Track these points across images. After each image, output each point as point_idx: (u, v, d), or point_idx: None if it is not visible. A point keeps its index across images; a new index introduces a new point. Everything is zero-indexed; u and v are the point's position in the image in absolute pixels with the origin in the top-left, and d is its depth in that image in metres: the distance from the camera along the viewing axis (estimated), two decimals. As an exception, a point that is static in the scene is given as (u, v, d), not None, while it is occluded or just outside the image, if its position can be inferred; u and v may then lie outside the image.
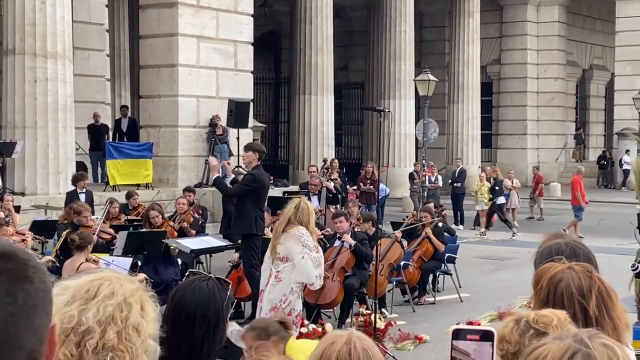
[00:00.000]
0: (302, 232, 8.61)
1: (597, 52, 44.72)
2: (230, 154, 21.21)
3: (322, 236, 11.82)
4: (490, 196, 23.50)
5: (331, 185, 17.71)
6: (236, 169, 18.83)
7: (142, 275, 9.75)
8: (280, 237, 8.69)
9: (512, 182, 25.58)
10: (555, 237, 3.20)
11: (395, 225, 14.57)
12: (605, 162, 39.59)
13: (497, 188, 23.69)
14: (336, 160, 22.81)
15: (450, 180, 25.61)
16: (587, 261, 2.87)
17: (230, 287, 3.44)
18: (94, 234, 10.81)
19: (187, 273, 3.67)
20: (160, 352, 2.61)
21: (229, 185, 12.34)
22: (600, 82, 45.42)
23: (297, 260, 8.66)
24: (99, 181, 21.70)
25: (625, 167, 35.50)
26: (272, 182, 21.67)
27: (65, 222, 11.61)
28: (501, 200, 23.52)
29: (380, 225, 14.21)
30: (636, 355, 6.25)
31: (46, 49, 17.03)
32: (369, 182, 22.11)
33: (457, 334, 1.77)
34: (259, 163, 11.02)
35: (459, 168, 25.76)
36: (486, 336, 1.77)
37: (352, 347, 2.30)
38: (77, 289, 2.44)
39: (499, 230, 23.68)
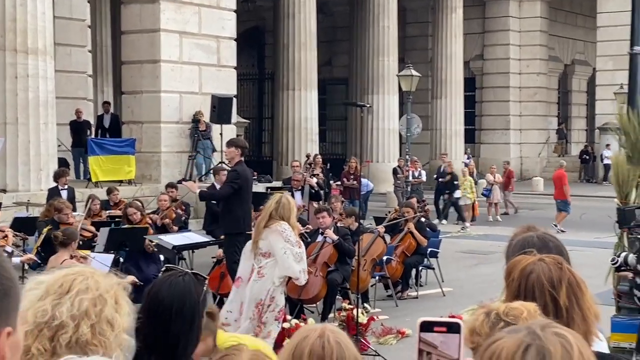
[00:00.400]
0: (284, 228, 8.62)
1: (578, 48, 44.91)
2: (214, 150, 21.17)
3: (303, 231, 11.82)
4: (448, 191, 23.65)
5: (314, 181, 17.71)
6: (219, 164, 18.80)
7: (131, 278, 9.69)
8: (262, 233, 8.68)
9: (494, 177, 25.67)
10: (527, 230, 3.22)
11: (378, 221, 14.60)
12: (587, 157, 39.78)
13: (455, 182, 23.85)
14: (319, 156, 22.81)
15: (435, 176, 25.64)
16: (559, 253, 2.91)
17: (207, 282, 3.44)
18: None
19: (164, 268, 3.67)
20: (135, 345, 2.61)
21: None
22: (582, 77, 45.61)
23: (279, 256, 8.66)
24: (81, 178, 21.61)
25: (605, 161, 35.67)
26: (255, 177, 21.68)
27: (46, 219, 11.56)
28: (457, 194, 23.70)
29: (363, 221, 14.23)
30: (615, 347, 6.32)
31: (27, 45, 16.93)
32: (352, 177, 22.13)
33: (425, 326, 1.78)
34: (242, 159, 11.02)
35: (445, 163, 25.78)
36: (453, 328, 1.78)
37: (326, 340, 2.30)
38: (50, 284, 2.44)
39: (482, 224, 23.77)
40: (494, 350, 1.67)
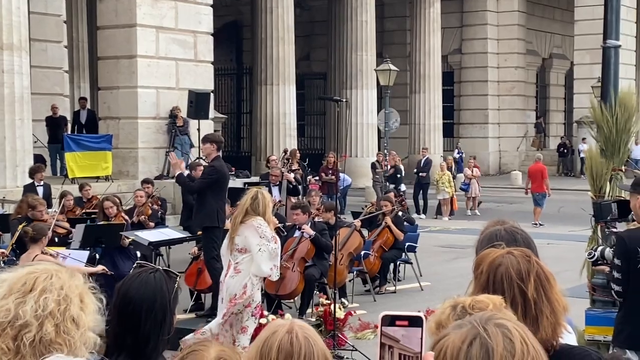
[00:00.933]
0: (260, 223, 8.60)
1: (556, 41, 45.11)
2: (191, 146, 21.09)
3: (279, 225, 11.79)
4: (393, 185, 23.76)
5: (291, 176, 17.67)
6: (197, 160, 18.73)
7: (100, 267, 9.65)
8: (239, 229, 8.66)
9: (472, 171, 25.74)
10: (496, 224, 3.23)
11: (356, 215, 14.60)
12: (565, 150, 40.03)
13: (398, 176, 23.98)
14: (297, 151, 22.76)
15: (415, 170, 25.70)
16: (527, 246, 2.92)
17: (178, 279, 3.40)
18: (49, 228, 10.66)
19: (134, 265, 3.61)
20: (102, 342, 2.57)
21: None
22: (560, 71, 45.84)
23: (254, 253, 8.65)
24: (58, 174, 21.48)
25: (581, 155, 35.91)
26: (233, 173, 21.61)
27: (19, 216, 11.44)
28: (403, 187, 23.87)
29: (342, 215, 14.20)
30: (589, 340, 6.33)
31: (2, 40, 16.76)
32: (330, 172, 22.13)
33: (386, 320, 1.76)
34: (219, 154, 10.98)
35: (425, 158, 25.82)
36: (415, 322, 1.76)
37: (294, 336, 2.29)
38: (13, 282, 2.41)
39: (460, 218, 23.86)
40: (441, 347, 1.67)
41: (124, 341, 3.18)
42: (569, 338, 2.74)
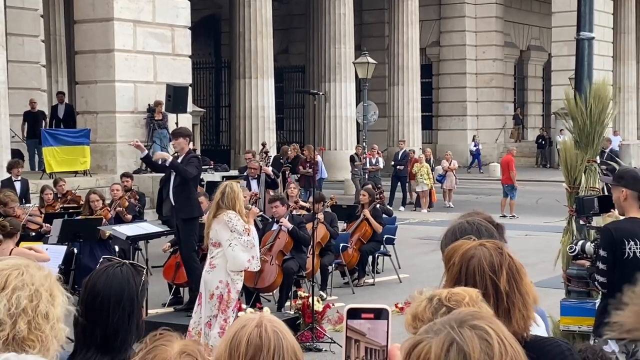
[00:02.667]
0: (231, 217, 8.59)
1: (534, 33, 45.28)
2: (170, 139, 21.01)
3: (260, 214, 11.76)
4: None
5: (270, 169, 17.67)
6: (175, 154, 18.65)
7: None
8: (212, 224, 8.69)
9: (450, 164, 25.80)
10: (467, 216, 3.24)
11: (333, 208, 14.57)
12: (543, 142, 40.21)
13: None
14: (286, 146, 22.79)
15: (393, 162, 25.73)
16: (490, 236, 2.93)
17: (144, 272, 3.40)
18: (22, 224, 10.58)
19: (101, 259, 3.61)
20: (73, 337, 2.57)
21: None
22: (538, 63, 46.01)
23: (225, 249, 8.64)
24: (36, 169, 21.35)
25: (559, 146, 36.05)
26: (212, 167, 21.58)
27: (-8, 213, 11.34)
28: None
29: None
30: (564, 330, 6.37)
31: (-23, 35, 16.67)
32: (308, 165, 22.11)
33: (352, 313, 1.76)
34: (190, 147, 10.97)
35: (402, 150, 25.86)
36: (381, 314, 1.76)
37: (263, 330, 2.28)
38: (-16, 281, 2.40)
39: (439, 210, 23.92)
40: (419, 353, 1.67)
41: (92, 335, 3.18)
42: (537, 330, 2.75)
